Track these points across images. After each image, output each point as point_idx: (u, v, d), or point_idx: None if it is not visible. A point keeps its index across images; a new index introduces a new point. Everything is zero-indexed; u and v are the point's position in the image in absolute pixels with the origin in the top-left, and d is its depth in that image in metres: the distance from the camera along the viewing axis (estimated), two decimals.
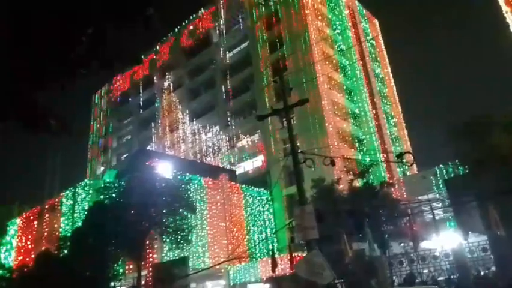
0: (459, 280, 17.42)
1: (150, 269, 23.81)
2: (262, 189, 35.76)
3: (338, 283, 19.91)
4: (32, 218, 33.29)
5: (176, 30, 55.26)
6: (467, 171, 24.04)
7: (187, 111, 50.63)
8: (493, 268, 17.47)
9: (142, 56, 57.77)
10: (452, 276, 18.48)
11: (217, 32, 50.43)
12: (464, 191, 17.76)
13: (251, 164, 41.16)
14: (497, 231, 15.36)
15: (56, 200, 31.50)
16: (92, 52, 2.98)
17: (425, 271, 20.02)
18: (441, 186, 27.58)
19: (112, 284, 21.74)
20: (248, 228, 32.14)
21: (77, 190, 29.71)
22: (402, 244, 23.83)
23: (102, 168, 60.18)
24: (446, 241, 19.90)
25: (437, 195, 28.31)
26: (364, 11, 53.74)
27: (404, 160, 14.49)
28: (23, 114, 2.95)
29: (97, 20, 2.80)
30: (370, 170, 26.30)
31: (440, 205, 24.65)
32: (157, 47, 57.90)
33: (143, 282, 22.78)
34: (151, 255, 24.56)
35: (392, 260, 21.23)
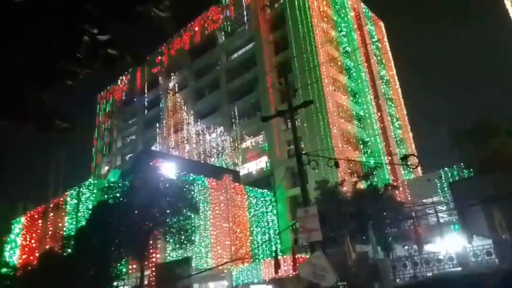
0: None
1: (153, 269, 23.87)
2: (266, 190, 35.75)
3: (341, 285, 19.84)
4: (36, 216, 33.47)
5: (182, 31, 55.43)
6: (472, 174, 23.92)
7: (192, 112, 50.73)
8: None
9: (148, 57, 58.01)
10: None
11: (223, 33, 50.54)
12: (468, 194, 17.63)
13: (255, 165, 41.15)
14: (502, 234, 15.25)
15: (61, 199, 31.66)
16: (97, 52, 2.99)
17: (429, 274, 19.89)
18: (446, 189, 27.41)
19: (115, 283, 21.79)
20: (251, 229, 32.14)
21: (81, 189, 29.85)
22: (406, 247, 23.69)
23: (106, 167, 60.43)
24: (450, 244, 19.77)
25: (442, 198, 28.16)
26: (370, 13, 53.66)
27: (409, 162, 14.41)
28: (32, 114, 2.96)
29: (101, 19, 2.82)
30: (374, 172, 26.23)
31: (444, 208, 24.52)
32: (162, 48, 58.08)
33: (146, 282, 22.84)
34: (154, 255, 24.60)
35: (396, 262, 21.12)
